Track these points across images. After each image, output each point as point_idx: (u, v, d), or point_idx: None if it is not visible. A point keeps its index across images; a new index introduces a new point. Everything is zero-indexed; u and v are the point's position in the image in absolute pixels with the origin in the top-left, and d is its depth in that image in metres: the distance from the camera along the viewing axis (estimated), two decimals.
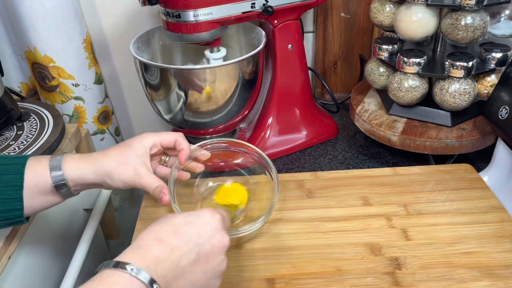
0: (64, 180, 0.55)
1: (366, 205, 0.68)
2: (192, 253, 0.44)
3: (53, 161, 0.56)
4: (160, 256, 0.42)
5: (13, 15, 0.85)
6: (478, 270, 0.57)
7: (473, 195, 0.69)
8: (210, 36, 0.73)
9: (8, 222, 0.56)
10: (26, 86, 1.01)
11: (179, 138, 0.62)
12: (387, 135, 0.79)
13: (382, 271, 0.57)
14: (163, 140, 0.61)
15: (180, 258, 0.43)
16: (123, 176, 0.57)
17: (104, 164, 0.57)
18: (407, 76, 0.77)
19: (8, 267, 0.64)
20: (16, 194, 0.54)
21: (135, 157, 0.58)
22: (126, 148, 0.58)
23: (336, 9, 0.95)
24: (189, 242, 0.44)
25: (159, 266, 0.41)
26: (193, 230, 0.45)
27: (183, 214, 0.47)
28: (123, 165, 0.57)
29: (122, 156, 0.58)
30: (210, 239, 0.46)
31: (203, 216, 0.47)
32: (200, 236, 0.45)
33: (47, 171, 0.55)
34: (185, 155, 0.62)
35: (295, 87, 0.85)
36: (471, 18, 0.70)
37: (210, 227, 0.46)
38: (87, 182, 0.57)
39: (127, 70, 1.00)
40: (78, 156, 0.58)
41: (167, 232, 0.44)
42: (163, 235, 0.44)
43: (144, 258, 0.41)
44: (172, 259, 0.42)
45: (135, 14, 0.94)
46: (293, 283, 0.56)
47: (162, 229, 0.44)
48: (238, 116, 0.82)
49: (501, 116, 0.68)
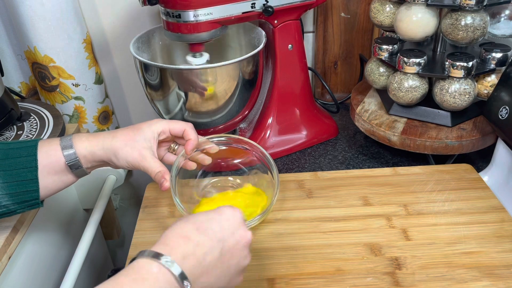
0: (77, 158, 0.57)
1: (366, 205, 0.68)
2: (216, 249, 0.44)
3: (64, 141, 0.57)
4: (186, 253, 0.42)
5: (13, 15, 0.85)
6: (478, 270, 0.57)
7: (473, 195, 0.69)
8: (210, 36, 0.73)
9: (26, 205, 0.56)
10: (26, 86, 1.01)
11: (188, 128, 0.62)
12: (387, 135, 0.79)
13: (382, 271, 0.57)
14: (173, 127, 0.62)
15: (205, 255, 0.43)
16: (128, 157, 0.57)
17: (112, 143, 0.58)
18: (407, 76, 0.77)
19: (8, 267, 0.64)
20: (32, 176, 0.55)
21: (143, 140, 0.59)
22: (136, 131, 0.59)
23: (336, 9, 0.95)
24: (213, 238, 0.45)
25: (185, 262, 0.42)
26: (216, 226, 0.46)
27: (205, 211, 0.47)
28: (130, 146, 0.58)
29: (130, 137, 0.58)
30: (233, 234, 0.46)
31: (224, 212, 0.47)
32: (223, 232, 0.45)
33: (59, 150, 0.56)
34: (191, 145, 0.62)
35: (295, 87, 0.85)
36: (471, 18, 0.70)
37: (232, 222, 0.47)
38: (97, 158, 0.58)
39: (127, 70, 1.00)
40: (87, 135, 0.59)
41: (191, 229, 0.44)
42: (187, 232, 0.44)
43: (171, 254, 0.42)
44: (198, 255, 0.43)
45: (135, 14, 0.94)
46: (293, 283, 0.56)
47: (185, 227, 0.45)
48: (238, 116, 0.82)
49: (501, 116, 0.68)
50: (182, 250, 0.43)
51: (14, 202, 0.55)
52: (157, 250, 0.42)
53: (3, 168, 0.55)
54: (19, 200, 0.55)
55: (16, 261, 0.67)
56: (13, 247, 0.64)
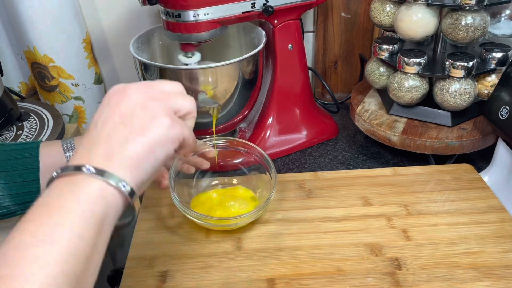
0: None
1: (366, 205, 0.68)
2: (108, 112, 0.40)
3: (66, 142, 0.58)
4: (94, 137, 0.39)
5: (12, 15, 0.85)
6: (478, 270, 0.57)
7: (474, 195, 0.69)
8: (210, 36, 0.73)
9: (26, 206, 0.55)
10: (26, 86, 1.01)
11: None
12: (387, 135, 0.78)
13: (382, 272, 0.57)
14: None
15: (103, 124, 0.40)
16: None
17: None
18: (408, 76, 0.76)
19: None
20: (33, 176, 0.55)
21: None
22: None
23: (337, 9, 0.95)
24: (107, 105, 0.41)
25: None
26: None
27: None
28: None
29: None
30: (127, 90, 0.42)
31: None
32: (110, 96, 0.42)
33: (61, 152, 0.57)
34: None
35: (295, 87, 0.85)
36: (472, 18, 0.70)
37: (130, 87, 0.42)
38: None
39: (127, 70, 1.00)
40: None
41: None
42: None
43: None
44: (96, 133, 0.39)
45: (135, 14, 0.94)
46: (293, 283, 0.56)
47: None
48: (238, 116, 0.81)
49: (502, 116, 0.68)
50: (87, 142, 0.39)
51: (15, 203, 0.55)
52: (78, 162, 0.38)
53: (5, 169, 0.55)
54: (20, 201, 0.55)
55: None
56: None
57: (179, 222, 0.66)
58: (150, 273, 0.58)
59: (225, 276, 0.57)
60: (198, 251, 0.61)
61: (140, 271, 0.59)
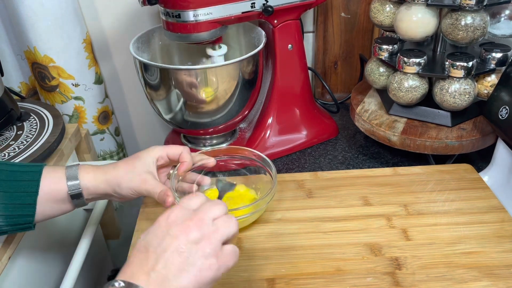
0: (80, 189, 0.57)
1: (366, 205, 0.68)
2: (172, 245, 0.43)
3: (69, 170, 0.58)
4: (138, 263, 0.42)
5: (13, 15, 0.85)
6: (478, 270, 0.57)
7: (473, 195, 0.69)
8: (210, 36, 0.73)
9: (17, 228, 0.56)
10: (26, 86, 1.01)
11: (184, 152, 0.63)
12: (387, 135, 0.78)
13: (382, 271, 0.57)
14: (170, 152, 0.63)
15: (158, 257, 0.42)
16: (131, 183, 0.59)
17: (114, 173, 0.59)
18: (407, 76, 0.77)
19: (8, 267, 0.64)
20: (31, 200, 0.55)
21: (142, 166, 0.60)
22: (135, 159, 0.61)
23: (336, 9, 0.95)
24: (167, 235, 0.43)
25: (140, 276, 0.41)
26: (168, 221, 0.44)
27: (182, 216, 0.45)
28: (131, 174, 0.59)
29: (131, 165, 0.60)
30: (192, 228, 0.44)
31: (188, 204, 0.46)
32: (175, 225, 0.44)
33: (63, 179, 0.57)
34: (185, 167, 0.63)
35: (295, 87, 0.85)
36: (471, 18, 0.70)
37: (198, 213, 0.45)
38: (99, 192, 0.59)
39: (127, 70, 1.00)
40: (92, 167, 0.60)
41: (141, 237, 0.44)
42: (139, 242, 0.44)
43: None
44: (150, 260, 0.42)
45: (135, 14, 0.94)
46: (293, 283, 0.56)
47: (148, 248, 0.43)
48: (238, 116, 0.82)
49: (501, 116, 0.68)
50: (135, 261, 0.42)
51: (7, 224, 0.55)
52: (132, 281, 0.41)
53: (4, 189, 0.54)
54: (13, 222, 0.55)
55: (16, 261, 0.67)
56: (13, 247, 0.64)
57: None
58: None
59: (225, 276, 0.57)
60: None
61: None
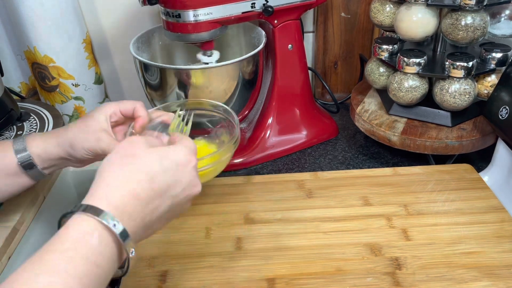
0: (30, 158, 0.55)
1: (366, 205, 0.68)
2: (166, 206, 0.44)
3: (16, 141, 0.56)
4: (133, 213, 0.41)
5: (13, 15, 0.85)
6: (478, 270, 0.57)
7: (473, 195, 0.69)
8: (210, 36, 0.73)
9: None
10: (26, 86, 1.01)
11: (138, 106, 0.59)
12: (387, 135, 0.78)
13: (382, 271, 0.57)
14: (123, 108, 0.59)
15: (152, 213, 0.43)
16: (85, 143, 0.55)
17: (66, 135, 0.56)
18: (407, 76, 0.77)
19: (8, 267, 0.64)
20: None
21: (95, 124, 0.57)
22: (87, 118, 0.58)
23: (337, 9, 0.95)
24: (164, 195, 0.44)
25: (130, 222, 0.40)
26: (170, 179, 0.44)
27: (158, 155, 0.45)
28: (84, 133, 0.56)
29: (83, 125, 0.57)
30: (185, 190, 0.45)
31: (180, 161, 0.45)
32: (176, 186, 0.45)
33: (11, 151, 0.55)
34: (141, 122, 0.59)
35: (295, 87, 0.85)
36: (471, 18, 0.70)
37: (187, 174, 0.45)
38: (53, 157, 0.56)
39: (127, 70, 1.00)
40: (40, 134, 0.57)
41: (144, 185, 0.42)
42: (139, 189, 0.42)
43: (117, 212, 0.40)
44: (145, 214, 0.42)
45: (135, 14, 0.94)
46: (293, 283, 0.56)
47: (138, 180, 0.42)
48: (238, 116, 0.81)
49: (501, 116, 0.68)
50: (130, 211, 0.41)
51: None
52: (102, 201, 0.40)
53: None
54: None
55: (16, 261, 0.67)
56: (13, 247, 0.64)
57: (179, 222, 0.66)
58: (150, 273, 0.58)
59: (225, 276, 0.57)
60: (198, 251, 0.61)
61: (140, 271, 0.59)
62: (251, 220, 0.66)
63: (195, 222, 0.66)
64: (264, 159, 0.86)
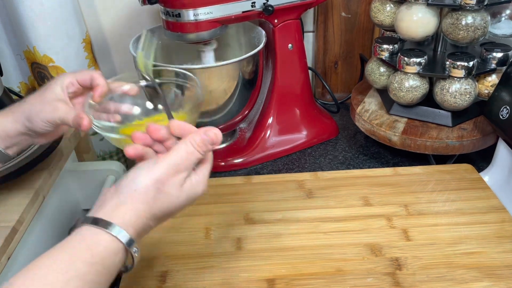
0: None
1: (367, 205, 0.68)
2: (171, 213, 0.47)
3: None
4: (142, 227, 0.45)
5: (12, 15, 0.85)
6: (478, 271, 0.57)
7: (474, 195, 0.69)
8: (210, 36, 0.73)
9: None
10: (26, 86, 1.00)
11: (95, 75, 0.57)
12: (387, 135, 0.78)
13: (382, 272, 0.57)
14: (80, 77, 0.57)
15: (158, 222, 0.47)
16: (42, 114, 0.53)
17: (21, 108, 0.54)
18: (408, 76, 0.76)
19: (8, 268, 0.64)
20: None
21: (51, 94, 0.55)
22: (43, 90, 0.56)
23: (337, 9, 0.94)
24: (172, 207, 0.47)
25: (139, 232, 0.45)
26: (185, 203, 0.47)
27: (184, 194, 0.47)
28: (40, 104, 0.54)
29: (39, 96, 0.55)
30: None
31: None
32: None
33: None
34: (100, 91, 0.57)
35: (295, 87, 0.85)
36: (472, 17, 0.70)
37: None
38: (12, 134, 0.54)
39: (127, 70, 1.00)
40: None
41: (161, 213, 0.46)
42: (156, 214, 0.46)
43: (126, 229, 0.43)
44: (148, 221, 0.46)
45: (135, 14, 0.94)
46: (293, 284, 0.56)
47: (160, 209, 0.46)
48: (238, 116, 0.81)
49: (502, 116, 0.68)
50: (141, 226, 0.44)
51: None
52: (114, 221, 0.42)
53: None
54: None
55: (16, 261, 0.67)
56: (12, 247, 0.64)
57: (179, 222, 0.66)
58: (150, 273, 0.58)
59: (225, 276, 0.57)
60: (198, 251, 0.61)
61: (140, 271, 0.58)
62: (251, 220, 0.66)
63: (195, 222, 0.66)
64: (264, 159, 0.86)
